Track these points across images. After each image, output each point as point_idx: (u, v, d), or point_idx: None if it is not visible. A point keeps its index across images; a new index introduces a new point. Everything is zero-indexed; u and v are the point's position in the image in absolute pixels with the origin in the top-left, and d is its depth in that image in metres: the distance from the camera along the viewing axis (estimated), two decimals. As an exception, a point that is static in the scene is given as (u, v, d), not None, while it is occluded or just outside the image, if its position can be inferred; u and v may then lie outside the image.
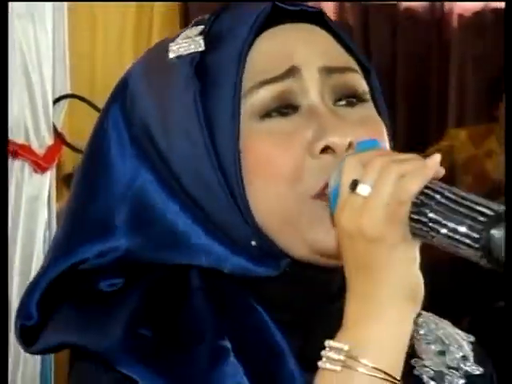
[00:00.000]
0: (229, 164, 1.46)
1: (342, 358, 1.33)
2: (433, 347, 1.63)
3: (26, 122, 2.98)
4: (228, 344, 1.44)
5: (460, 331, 1.71)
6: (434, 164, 1.32)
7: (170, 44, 1.51)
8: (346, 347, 1.32)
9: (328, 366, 1.33)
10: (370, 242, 1.32)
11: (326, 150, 1.44)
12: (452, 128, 7.52)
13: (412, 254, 1.31)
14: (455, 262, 6.49)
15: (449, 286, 6.65)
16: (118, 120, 1.51)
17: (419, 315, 1.62)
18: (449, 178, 4.44)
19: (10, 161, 2.94)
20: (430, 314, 1.69)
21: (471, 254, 1.26)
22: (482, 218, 1.26)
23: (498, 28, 8.45)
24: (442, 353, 1.63)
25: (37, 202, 3.02)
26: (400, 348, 1.35)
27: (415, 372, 1.59)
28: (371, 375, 1.32)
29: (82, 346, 1.45)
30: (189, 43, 1.48)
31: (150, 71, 1.52)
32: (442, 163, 4.56)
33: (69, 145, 3.01)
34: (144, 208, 1.51)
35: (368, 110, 1.53)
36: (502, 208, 1.26)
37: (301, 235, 1.39)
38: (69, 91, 3.00)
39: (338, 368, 1.33)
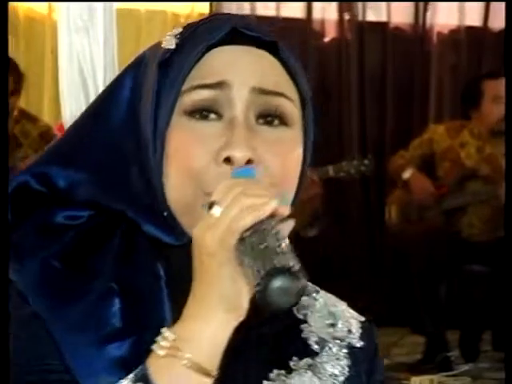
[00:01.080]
0: (158, 143, 1.47)
1: (168, 345, 1.32)
2: (324, 320, 1.62)
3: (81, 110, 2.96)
4: (116, 286, 1.44)
5: (353, 312, 1.66)
6: (269, 208, 1.29)
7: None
8: (171, 337, 1.32)
9: (156, 349, 1.33)
10: (208, 255, 1.31)
11: (228, 160, 1.41)
12: (432, 124, 7.49)
13: (236, 274, 1.30)
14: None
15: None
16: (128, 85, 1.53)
17: (318, 293, 1.65)
18: (430, 164, 4.47)
19: None
20: (329, 295, 1.67)
21: (261, 286, 1.23)
22: (276, 264, 1.24)
23: (470, 42, 8.44)
24: (332, 325, 1.61)
25: None
26: (217, 347, 1.34)
27: (302, 335, 1.59)
28: (188, 366, 1.31)
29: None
30: (168, 40, 1.49)
31: (150, 53, 1.54)
32: (424, 152, 4.57)
33: None
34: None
35: (288, 133, 1.48)
36: (292, 264, 1.25)
37: (192, 224, 1.38)
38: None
39: (162, 353, 1.32)
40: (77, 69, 2.87)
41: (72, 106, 2.87)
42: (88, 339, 1.40)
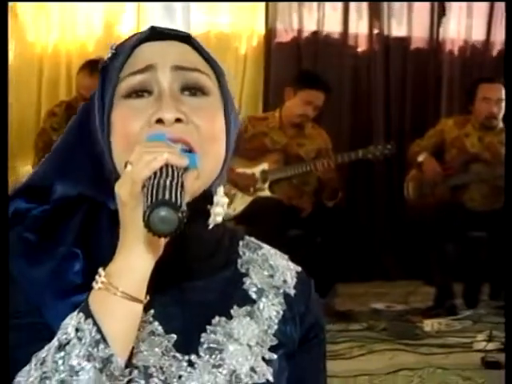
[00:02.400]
0: (104, 127, 1.49)
1: (101, 280, 1.31)
2: (264, 272, 1.60)
3: None
4: (79, 251, 1.45)
5: (292, 264, 1.65)
6: (162, 160, 1.29)
7: None
8: (103, 273, 1.32)
9: (94, 285, 1.32)
10: (122, 205, 1.32)
11: (159, 121, 1.42)
12: (443, 118, 7.47)
13: None
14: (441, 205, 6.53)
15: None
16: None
17: (261, 248, 1.64)
18: (440, 150, 4.42)
19: None
20: (272, 251, 1.66)
21: (145, 217, 1.25)
22: (160, 198, 1.25)
23: (472, 54, 8.37)
24: (270, 276, 1.60)
25: None
26: (141, 276, 1.32)
27: (244, 287, 1.57)
28: (118, 295, 1.30)
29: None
30: (108, 52, 1.53)
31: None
32: (436, 141, 4.52)
33: None
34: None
35: (208, 100, 1.50)
36: (172, 197, 1.25)
37: None
38: None
39: (97, 287, 1.32)
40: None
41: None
42: (55, 292, 1.42)
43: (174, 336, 1.45)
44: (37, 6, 7.56)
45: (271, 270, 1.61)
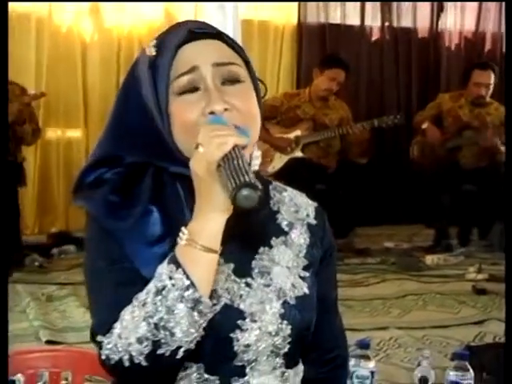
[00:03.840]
0: (163, 116, 1.49)
1: (185, 237, 1.36)
2: (291, 208, 1.62)
3: None
4: (154, 208, 1.47)
5: (310, 200, 1.67)
6: (231, 143, 1.31)
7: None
8: (186, 232, 1.36)
9: (179, 241, 1.37)
10: (199, 180, 1.34)
11: (212, 113, 1.43)
12: (441, 93, 7.42)
13: (219, 189, 1.32)
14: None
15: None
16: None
17: (286, 190, 1.66)
18: (439, 119, 4.40)
19: None
20: (295, 192, 1.67)
21: (232, 196, 1.28)
22: (242, 181, 1.28)
23: (464, 42, 8.30)
24: (296, 212, 1.62)
25: None
26: (216, 233, 1.36)
27: (277, 222, 1.59)
28: (199, 248, 1.35)
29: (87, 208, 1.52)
30: (150, 49, 1.51)
31: (140, 57, 1.56)
32: (435, 111, 4.48)
33: None
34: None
35: (243, 87, 1.50)
36: (252, 180, 1.28)
37: None
38: None
39: (183, 243, 1.36)
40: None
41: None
42: (140, 243, 1.45)
43: (232, 264, 1.49)
44: None
45: (296, 207, 1.63)
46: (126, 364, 1.34)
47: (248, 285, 1.49)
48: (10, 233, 5.84)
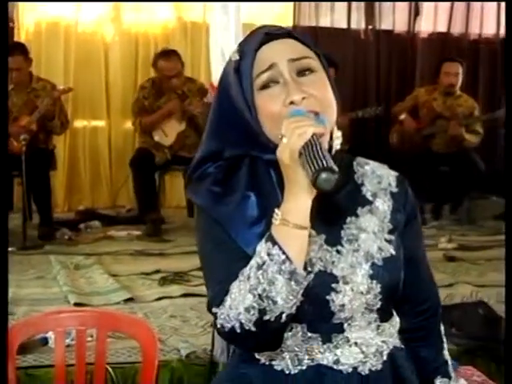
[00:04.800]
0: (251, 110, 1.49)
1: (279, 217, 1.37)
2: (374, 180, 1.60)
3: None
4: (251, 193, 1.49)
5: (391, 170, 1.65)
6: (310, 132, 1.33)
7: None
8: (279, 212, 1.37)
9: (274, 222, 1.38)
10: (285, 167, 1.36)
11: (292, 103, 1.44)
12: (417, 87, 7.42)
13: (303, 174, 1.33)
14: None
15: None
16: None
17: (368, 164, 1.63)
18: (415, 110, 4.38)
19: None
20: (376, 164, 1.64)
21: (313, 179, 1.29)
22: (321, 166, 1.29)
23: (437, 41, 8.27)
24: (378, 182, 1.60)
25: None
26: (306, 212, 1.37)
27: (362, 193, 1.58)
28: (291, 226, 1.36)
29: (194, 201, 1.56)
30: (234, 54, 1.51)
31: (228, 64, 1.56)
32: (412, 103, 4.46)
33: None
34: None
35: (316, 76, 1.49)
36: (330, 164, 1.29)
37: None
38: None
39: (277, 223, 1.37)
40: (220, 53, 2.85)
41: (216, 72, 2.86)
42: (241, 225, 1.47)
43: (324, 235, 1.50)
44: None
45: (378, 178, 1.60)
46: (238, 331, 1.38)
47: (339, 252, 1.49)
48: (44, 210, 5.88)
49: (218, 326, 1.42)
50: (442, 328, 1.70)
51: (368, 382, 1.49)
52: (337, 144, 1.52)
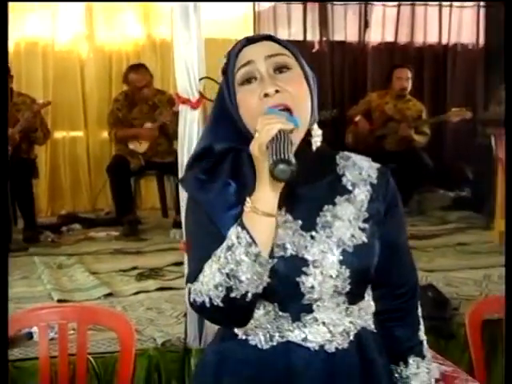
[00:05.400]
0: (234, 101, 1.51)
1: (249, 205, 1.38)
2: (355, 171, 1.57)
3: (187, 88, 2.90)
4: (232, 181, 1.49)
5: (373, 163, 1.62)
6: (276, 128, 1.35)
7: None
8: (249, 201, 1.38)
9: (245, 209, 1.39)
10: (255, 159, 1.38)
11: (266, 95, 1.45)
12: (369, 92, 7.46)
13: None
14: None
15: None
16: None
17: (351, 157, 1.61)
18: (369, 113, 4.38)
19: (180, 106, 2.90)
20: (359, 156, 1.63)
21: (271, 170, 1.31)
22: (278, 158, 1.31)
23: (385, 50, 8.32)
24: (359, 173, 1.57)
25: (193, 123, 2.94)
26: (273, 201, 1.38)
27: (342, 183, 1.55)
28: (260, 214, 1.37)
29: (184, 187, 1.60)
30: (223, 59, 1.54)
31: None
32: (366, 107, 4.45)
33: (205, 97, 2.94)
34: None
35: (292, 73, 1.49)
36: (287, 157, 1.31)
37: None
38: (204, 74, 2.93)
39: (247, 210, 1.39)
40: (184, 66, 2.85)
41: (181, 84, 2.86)
42: (220, 208, 1.48)
43: (300, 221, 1.50)
44: (105, 16, 7.53)
45: (359, 169, 1.58)
46: (207, 305, 1.41)
47: (312, 237, 1.48)
48: (27, 215, 5.84)
49: (191, 300, 1.45)
50: (420, 310, 1.67)
51: (334, 359, 1.49)
52: (316, 141, 1.53)
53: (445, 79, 8.40)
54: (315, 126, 1.53)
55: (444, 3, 8.32)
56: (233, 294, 1.39)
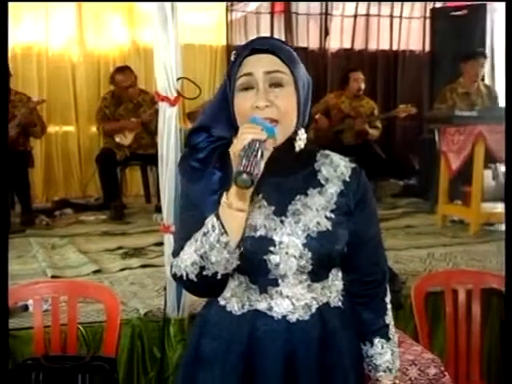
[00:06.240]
0: (232, 102, 1.51)
1: (225, 201, 1.39)
2: (330, 168, 1.56)
3: (166, 87, 2.87)
4: (218, 171, 1.50)
5: (348, 163, 1.59)
6: (249, 138, 1.35)
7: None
8: (226, 196, 1.39)
9: (222, 203, 1.40)
10: (232, 161, 1.38)
11: (257, 107, 1.44)
12: (328, 92, 7.43)
13: None
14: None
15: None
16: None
17: (330, 155, 1.59)
18: (327, 111, 4.33)
19: (160, 103, 2.86)
20: (336, 156, 1.60)
21: (234, 177, 1.32)
22: (241, 170, 1.31)
23: (344, 56, 8.31)
24: (334, 170, 1.56)
25: (171, 119, 2.92)
26: (244, 199, 1.38)
27: (317, 177, 1.55)
28: (232, 208, 1.38)
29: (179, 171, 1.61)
30: (233, 55, 1.53)
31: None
32: (325, 106, 4.39)
33: (182, 96, 2.92)
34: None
35: (284, 90, 1.47)
36: (249, 169, 1.30)
37: None
38: (181, 75, 2.90)
39: (223, 204, 1.40)
40: (163, 67, 2.82)
41: (160, 82, 2.82)
42: (205, 193, 1.49)
43: (273, 207, 1.51)
44: (96, 22, 7.44)
45: (335, 167, 1.57)
46: (184, 279, 1.46)
47: (282, 222, 1.49)
48: (24, 201, 5.79)
49: (172, 272, 1.49)
50: (388, 297, 1.67)
51: (294, 328, 1.51)
52: (300, 144, 1.52)
53: (395, 81, 8.46)
54: (301, 131, 1.53)
55: (394, 14, 8.38)
56: (205, 273, 1.43)
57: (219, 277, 1.45)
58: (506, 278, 1.97)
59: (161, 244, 3.58)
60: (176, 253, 1.49)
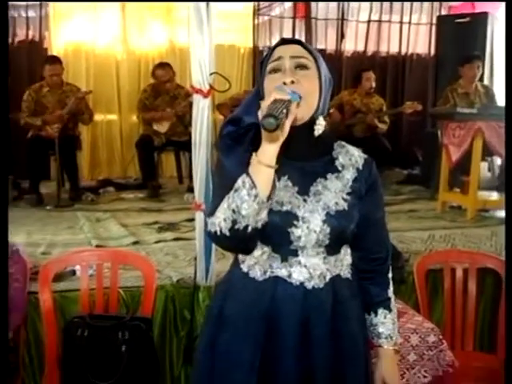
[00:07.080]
0: (262, 85, 1.52)
1: (254, 158, 1.39)
2: (346, 156, 1.58)
3: (200, 81, 2.85)
4: (250, 148, 1.46)
5: (362, 153, 1.61)
6: (274, 95, 1.36)
7: None
8: (255, 154, 1.40)
9: (252, 161, 1.41)
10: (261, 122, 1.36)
11: (284, 84, 1.45)
12: (342, 90, 7.35)
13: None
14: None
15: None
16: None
17: (345, 146, 1.61)
18: (341, 107, 4.26)
19: (194, 95, 2.83)
20: (351, 147, 1.62)
21: (261, 120, 1.33)
22: (268, 113, 1.32)
23: (357, 58, 8.22)
24: (350, 159, 1.57)
25: (204, 109, 2.89)
26: (272, 155, 1.38)
27: (335, 164, 1.56)
28: (262, 164, 1.38)
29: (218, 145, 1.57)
30: (265, 52, 1.57)
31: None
32: (339, 102, 4.35)
33: (214, 88, 2.89)
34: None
35: (308, 72, 1.49)
36: (274, 113, 1.31)
37: None
38: (214, 70, 2.88)
39: (253, 161, 1.40)
40: (198, 64, 2.80)
41: (196, 77, 2.80)
42: (237, 166, 1.46)
43: (297, 187, 1.52)
44: (138, 23, 7.40)
45: (350, 156, 1.59)
46: (218, 234, 1.43)
47: (305, 200, 1.51)
48: (73, 179, 5.83)
49: (208, 230, 1.46)
50: (390, 274, 1.68)
51: (310, 294, 1.51)
52: (318, 129, 1.51)
53: (403, 81, 8.37)
54: (320, 118, 1.52)
55: (404, 21, 8.28)
56: (236, 226, 1.40)
57: (249, 231, 1.40)
58: (506, 279, 1.97)
59: (192, 220, 3.58)
60: (211, 213, 1.46)
